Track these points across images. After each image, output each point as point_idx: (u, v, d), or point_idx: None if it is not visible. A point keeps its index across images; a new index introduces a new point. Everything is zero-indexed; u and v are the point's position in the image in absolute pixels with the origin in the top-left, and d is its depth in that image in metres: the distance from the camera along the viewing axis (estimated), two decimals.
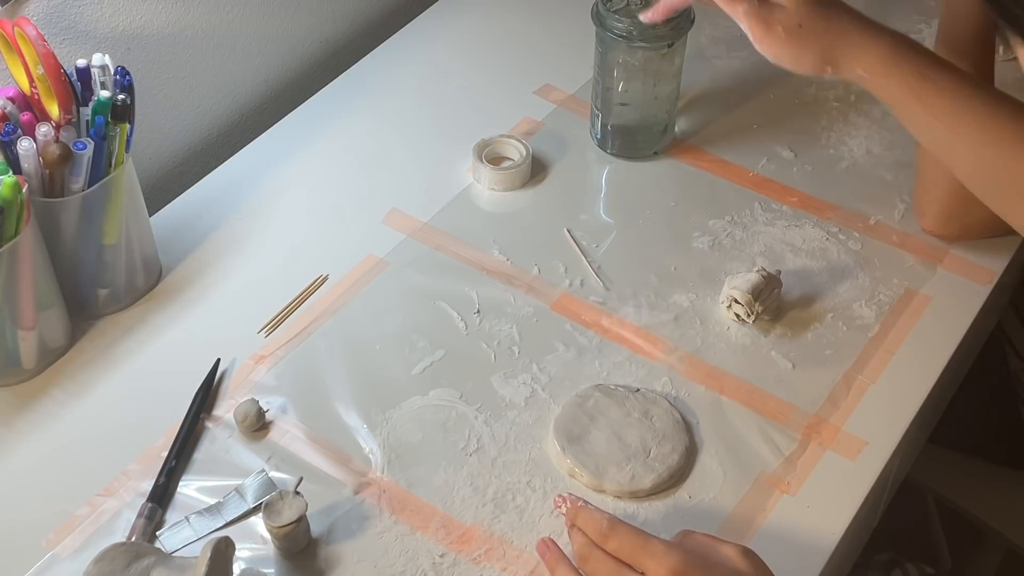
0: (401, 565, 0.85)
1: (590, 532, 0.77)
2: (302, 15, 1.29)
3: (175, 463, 0.90)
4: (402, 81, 1.28)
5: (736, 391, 0.96)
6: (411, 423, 0.94)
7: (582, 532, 0.78)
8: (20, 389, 0.96)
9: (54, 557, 0.85)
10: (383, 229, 1.10)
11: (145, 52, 1.12)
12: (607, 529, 0.76)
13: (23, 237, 0.89)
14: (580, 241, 1.09)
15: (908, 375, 0.98)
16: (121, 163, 0.95)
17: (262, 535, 0.86)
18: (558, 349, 1.00)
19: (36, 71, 0.91)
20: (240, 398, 0.94)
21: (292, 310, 1.03)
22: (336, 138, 1.21)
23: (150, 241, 1.04)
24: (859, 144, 1.20)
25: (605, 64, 1.12)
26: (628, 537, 0.75)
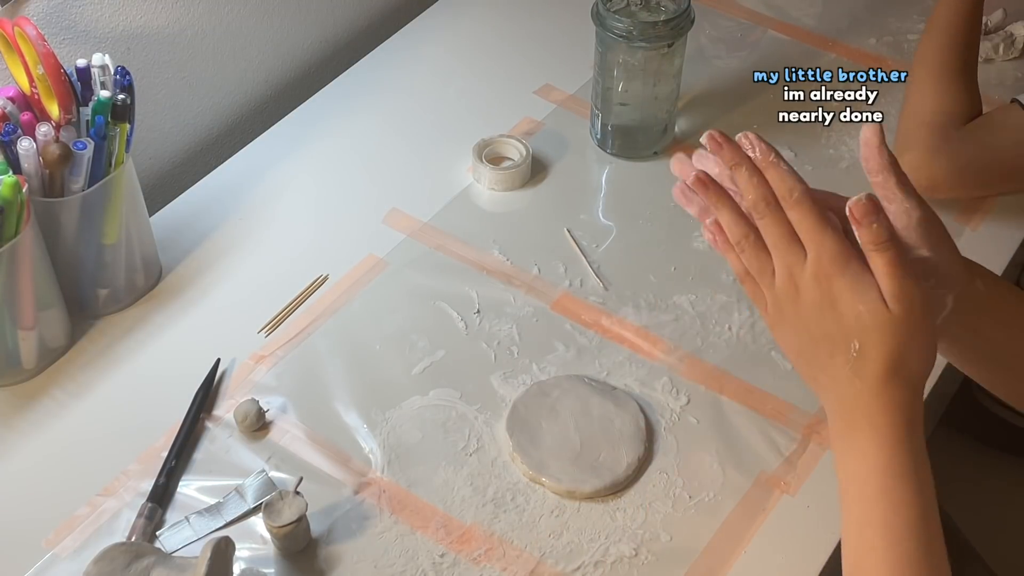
0: (401, 565, 0.85)
1: (777, 190, 0.70)
2: (302, 15, 1.29)
3: (175, 463, 0.90)
4: (402, 81, 1.28)
5: (736, 391, 0.96)
6: (411, 423, 0.94)
7: (763, 182, 0.71)
8: (20, 389, 0.96)
9: (54, 557, 0.85)
10: (383, 229, 1.10)
11: (145, 52, 1.12)
12: (797, 198, 0.69)
13: (23, 237, 0.89)
14: (580, 241, 1.09)
15: None
16: (121, 163, 0.95)
17: (262, 535, 0.86)
18: (558, 349, 1.00)
19: (36, 71, 0.91)
20: (240, 398, 0.94)
21: (292, 310, 1.03)
22: (336, 138, 1.21)
23: (150, 241, 1.04)
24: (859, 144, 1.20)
25: (605, 64, 1.12)
26: (811, 216, 0.69)
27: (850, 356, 0.68)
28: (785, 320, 0.72)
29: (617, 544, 0.86)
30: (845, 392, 0.69)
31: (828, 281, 0.69)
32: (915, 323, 0.67)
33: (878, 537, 0.67)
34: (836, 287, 0.68)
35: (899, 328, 0.67)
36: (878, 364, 0.67)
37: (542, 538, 0.87)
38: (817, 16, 1.37)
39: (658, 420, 0.94)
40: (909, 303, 0.67)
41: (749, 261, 0.73)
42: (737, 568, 0.85)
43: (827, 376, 0.70)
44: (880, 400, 0.68)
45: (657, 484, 0.90)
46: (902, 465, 0.67)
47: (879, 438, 0.68)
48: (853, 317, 0.68)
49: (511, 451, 0.91)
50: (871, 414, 0.68)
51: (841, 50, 1.32)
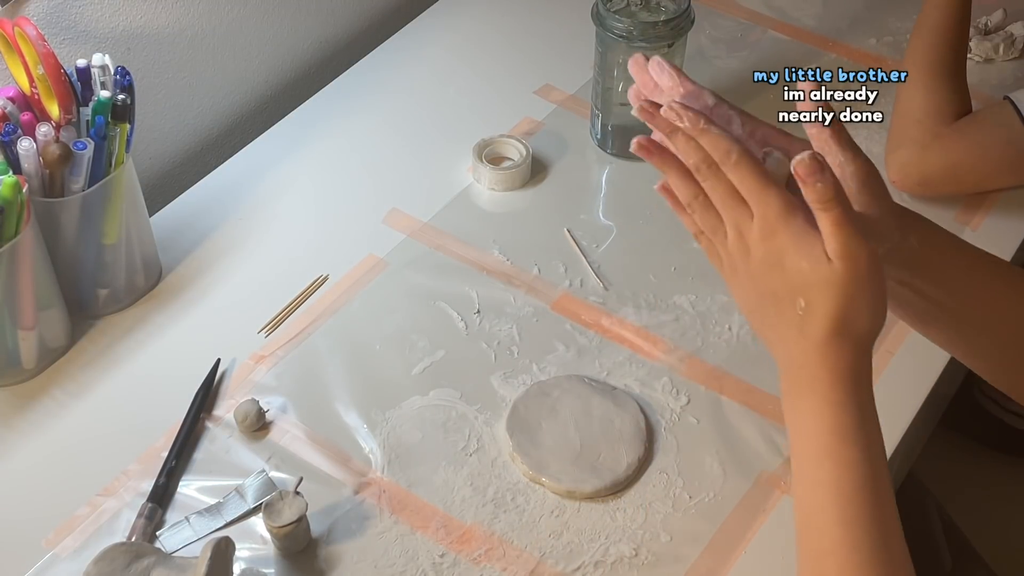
0: (401, 565, 0.85)
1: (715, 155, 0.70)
2: (302, 15, 1.29)
3: (175, 463, 0.90)
4: (402, 81, 1.28)
5: (736, 391, 0.96)
6: (411, 423, 0.94)
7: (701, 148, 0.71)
8: (20, 389, 0.96)
9: (54, 557, 0.85)
10: (383, 229, 1.10)
11: (145, 52, 1.12)
12: (735, 160, 0.69)
13: (23, 237, 0.89)
14: (580, 241, 1.09)
15: (908, 375, 0.98)
16: (121, 163, 0.95)
17: (262, 535, 0.86)
18: (558, 349, 1.00)
19: (36, 71, 0.91)
20: (240, 398, 0.94)
21: (292, 310, 1.03)
22: (336, 138, 1.21)
23: (150, 241, 1.04)
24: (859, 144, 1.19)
25: (605, 64, 1.12)
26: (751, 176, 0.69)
27: (796, 313, 0.68)
28: (738, 278, 0.72)
29: (617, 544, 0.86)
30: (792, 350, 0.69)
31: (774, 238, 0.69)
32: (860, 281, 0.67)
33: (827, 497, 0.67)
34: (781, 244, 0.68)
35: (844, 286, 0.67)
36: (823, 322, 0.67)
37: (542, 538, 0.87)
38: (817, 16, 1.37)
39: (658, 420, 0.94)
40: (854, 261, 0.66)
41: (701, 220, 0.73)
42: (737, 568, 0.85)
43: (776, 333, 0.70)
44: (825, 359, 0.67)
45: (657, 484, 0.90)
46: (847, 425, 0.67)
47: (823, 397, 0.67)
48: (797, 274, 0.68)
49: (511, 451, 0.91)
50: (816, 373, 0.68)
51: (841, 50, 1.32)
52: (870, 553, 0.65)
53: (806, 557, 0.68)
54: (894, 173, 1.12)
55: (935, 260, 0.73)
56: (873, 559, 0.65)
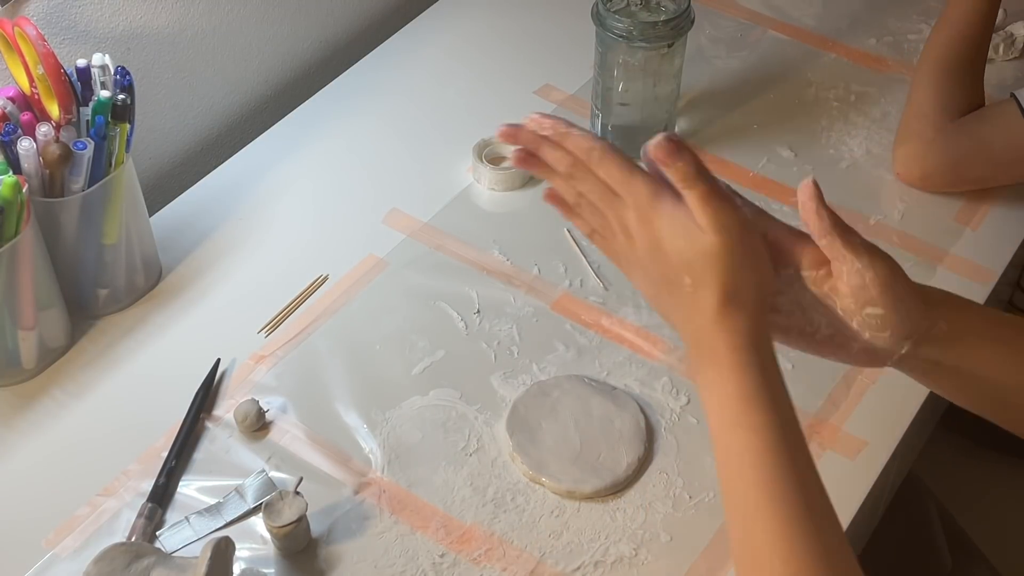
0: (401, 565, 0.85)
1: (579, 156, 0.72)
2: (302, 15, 1.29)
3: (175, 463, 0.90)
4: (402, 81, 1.28)
5: None
6: (411, 423, 0.94)
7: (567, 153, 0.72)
8: (20, 389, 0.96)
9: (54, 557, 0.85)
10: (383, 229, 1.10)
11: (145, 52, 1.12)
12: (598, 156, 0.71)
13: (23, 237, 0.89)
14: (580, 241, 1.09)
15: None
16: (121, 163, 0.95)
17: (262, 535, 0.86)
18: (558, 349, 1.00)
19: (36, 71, 0.91)
20: (240, 398, 0.94)
21: (292, 310, 1.03)
22: (336, 138, 1.21)
23: (150, 241, 1.04)
24: (859, 144, 1.20)
25: (605, 64, 1.12)
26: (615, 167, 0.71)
27: (686, 292, 0.69)
28: (632, 267, 0.73)
29: (617, 544, 0.86)
30: (690, 328, 0.70)
31: (650, 224, 0.70)
32: (736, 249, 0.68)
33: (743, 462, 0.67)
34: (657, 228, 0.70)
35: (721, 257, 0.68)
36: (711, 297, 0.68)
37: (542, 538, 0.86)
38: (817, 16, 1.37)
39: (658, 420, 0.94)
40: (727, 231, 0.68)
41: (590, 219, 0.74)
42: None
43: (676, 315, 0.72)
44: (719, 329, 0.68)
45: (657, 484, 0.90)
46: (751, 389, 0.67)
47: (723, 367, 0.68)
48: (677, 253, 0.69)
49: (511, 451, 0.91)
50: (713, 345, 0.69)
51: (841, 50, 1.32)
52: (792, 510, 0.65)
53: (733, 523, 0.68)
54: (899, 166, 1.13)
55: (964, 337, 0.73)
56: (796, 516, 0.65)
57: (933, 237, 1.09)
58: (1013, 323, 0.76)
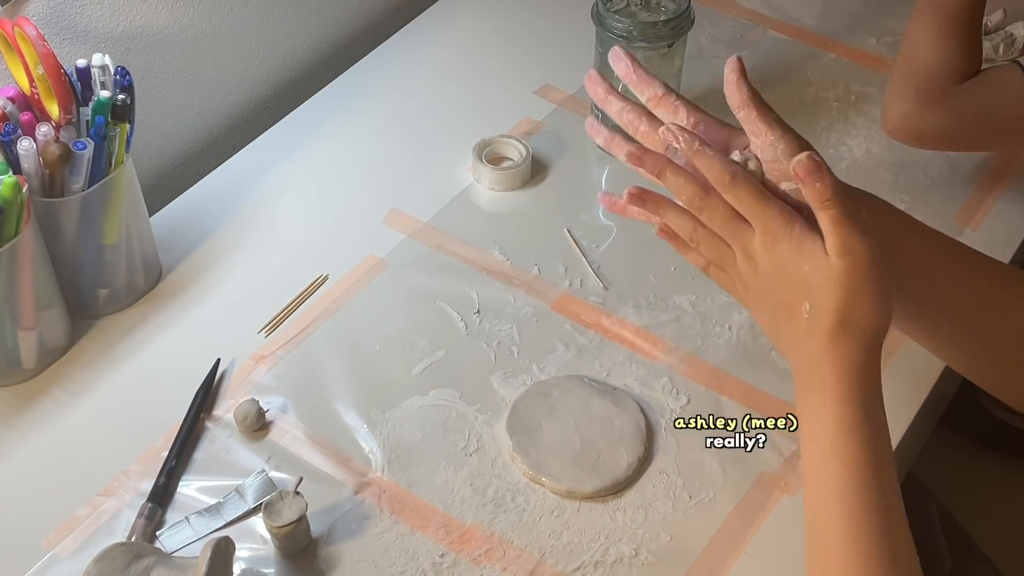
0: (401, 565, 0.85)
1: (711, 177, 0.71)
2: (302, 15, 1.29)
3: (175, 463, 0.90)
4: (402, 81, 1.28)
5: (736, 391, 0.96)
6: (411, 423, 0.94)
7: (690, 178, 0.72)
8: (20, 389, 0.96)
9: (54, 557, 0.85)
10: (383, 229, 1.10)
11: (145, 52, 1.12)
12: (730, 180, 0.71)
13: (23, 237, 0.89)
14: (580, 241, 1.09)
15: (908, 375, 0.98)
16: (121, 163, 0.95)
17: (262, 535, 0.86)
18: (558, 349, 1.00)
19: (36, 71, 0.91)
20: (240, 398, 0.94)
21: (292, 310, 1.03)
22: (336, 138, 1.21)
23: (150, 241, 1.04)
24: (859, 144, 1.20)
25: (605, 64, 1.12)
26: (749, 193, 0.70)
27: (803, 318, 0.69)
28: (751, 295, 0.73)
29: (617, 544, 0.86)
30: (801, 354, 0.70)
31: (775, 248, 0.70)
32: (860, 277, 0.67)
33: (832, 494, 0.67)
34: (783, 252, 0.70)
35: (844, 283, 0.67)
36: (826, 321, 0.68)
37: (542, 538, 0.87)
38: (817, 16, 1.37)
39: (658, 420, 0.94)
40: (853, 257, 0.67)
41: (707, 251, 0.75)
42: (737, 568, 0.85)
43: (788, 342, 0.72)
44: (829, 357, 0.68)
45: (657, 484, 0.90)
46: (851, 421, 0.67)
47: (828, 395, 0.68)
48: (800, 278, 0.69)
49: (511, 451, 0.91)
50: (821, 372, 0.68)
51: (841, 50, 1.32)
52: (875, 549, 0.65)
53: (813, 554, 0.68)
54: (891, 123, 1.09)
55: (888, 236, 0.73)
56: (878, 555, 0.65)
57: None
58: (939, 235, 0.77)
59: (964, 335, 0.79)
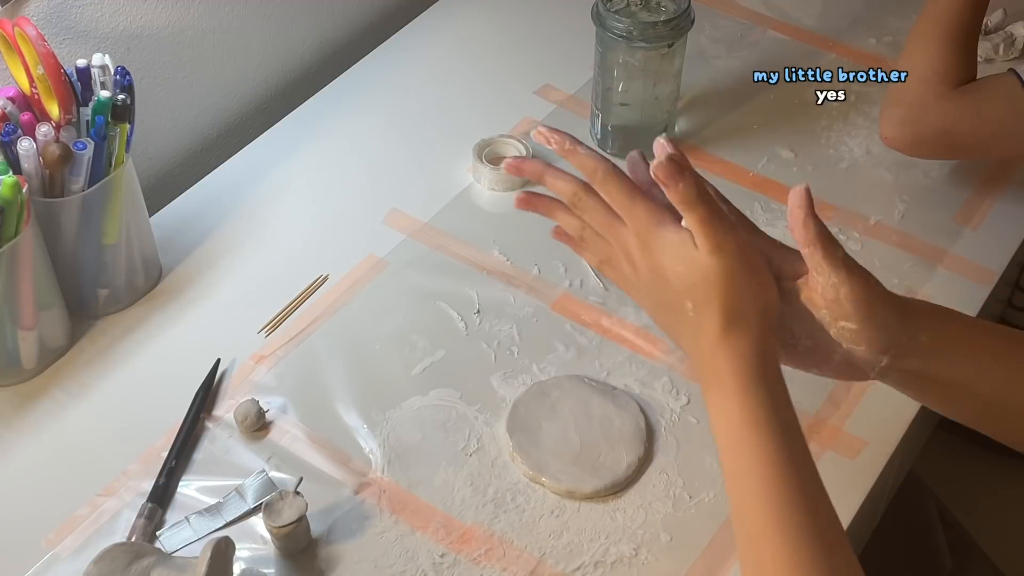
0: (401, 565, 0.85)
1: (584, 175, 0.73)
2: (302, 15, 1.29)
3: (175, 463, 0.90)
4: (402, 81, 1.28)
5: None
6: (411, 423, 0.94)
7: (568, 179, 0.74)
8: (20, 389, 0.96)
9: (54, 557, 0.85)
10: (383, 229, 1.10)
11: (145, 52, 1.12)
12: (601, 176, 0.72)
13: (23, 237, 0.89)
14: None
15: None
16: (121, 163, 0.95)
17: (262, 535, 0.86)
18: (558, 349, 1.00)
19: (36, 71, 0.91)
20: (240, 398, 0.94)
21: (292, 310, 1.03)
22: (336, 138, 1.21)
23: (150, 241, 1.04)
24: (859, 144, 1.20)
25: (605, 64, 1.12)
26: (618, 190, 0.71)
27: (689, 317, 0.70)
28: (637, 294, 0.74)
29: (617, 544, 0.86)
30: (695, 352, 0.71)
31: (649, 248, 0.71)
32: (736, 271, 0.68)
33: (751, 484, 0.67)
34: (657, 253, 0.70)
35: (721, 279, 0.68)
36: (712, 318, 0.69)
37: (542, 538, 0.87)
38: (817, 16, 1.37)
39: (658, 420, 0.94)
40: (726, 253, 0.68)
41: (594, 250, 0.75)
42: (737, 568, 0.85)
43: (680, 339, 0.73)
44: (722, 352, 0.69)
45: (657, 484, 0.90)
46: (756, 412, 0.68)
47: (727, 390, 0.69)
48: (677, 277, 0.70)
49: (511, 451, 0.91)
50: (717, 369, 0.69)
51: (841, 50, 1.32)
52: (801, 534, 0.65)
53: (743, 545, 0.69)
54: (888, 129, 1.09)
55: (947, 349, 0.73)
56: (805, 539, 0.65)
57: (932, 237, 1.09)
58: (997, 333, 0.75)
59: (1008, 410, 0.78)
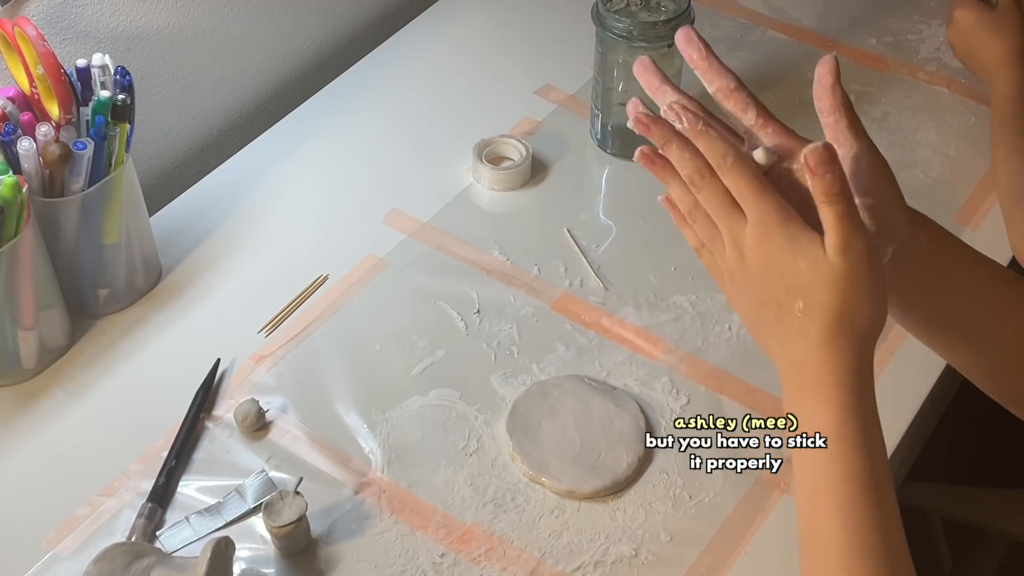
0: (401, 565, 0.85)
1: (710, 159, 0.69)
2: (302, 15, 1.29)
3: (175, 463, 0.90)
4: (402, 81, 1.28)
5: (736, 391, 0.96)
6: (411, 423, 0.94)
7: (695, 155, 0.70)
8: (20, 389, 0.96)
9: (54, 557, 0.85)
10: (383, 229, 1.10)
11: (145, 52, 1.12)
12: (731, 163, 0.68)
13: (23, 237, 0.89)
14: (580, 241, 1.09)
15: (908, 375, 0.98)
16: (121, 163, 0.95)
17: (262, 535, 0.86)
18: (558, 349, 1.00)
19: (36, 71, 0.91)
20: (240, 398, 0.94)
21: (292, 310, 1.03)
22: (336, 138, 1.21)
23: (150, 241, 1.04)
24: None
25: (605, 64, 1.12)
26: (746, 179, 0.68)
27: (796, 316, 0.67)
28: (737, 286, 0.70)
29: (617, 544, 0.86)
30: (793, 354, 0.68)
31: (769, 241, 0.67)
32: (859, 276, 0.65)
33: (832, 503, 0.65)
34: (777, 246, 0.67)
35: (842, 282, 0.65)
36: (822, 321, 0.66)
37: (542, 538, 0.87)
38: (817, 16, 1.37)
39: (658, 420, 0.94)
40: (854, 256, 0.65)
41: (701, 232, 0.72)
42: (737, 568, 0.85)
43: (777, 340, 0.69)
44: (826, 359, 0.66)
45: (657, 484, 0.90)
46: (849, 427, 0.65)
47: (827, 399, 0.66)
48: (795, 275, 0.66)
49: (511, 451, 0.91)
50: (818, 374, 0.66)
51: (841, 50, 1.32)
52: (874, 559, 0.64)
53: (810, 562, 0.67)
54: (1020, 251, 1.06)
55: (943, 259, 0.73)
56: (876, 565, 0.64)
57: None
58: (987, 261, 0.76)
59: (1005, 361, 0.78)
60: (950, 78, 1.26)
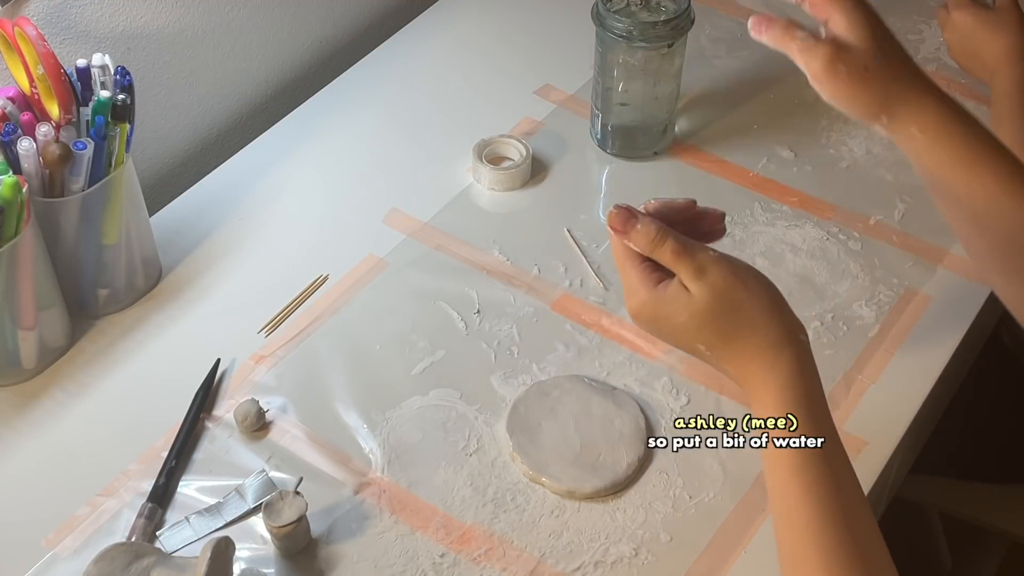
0: (401, 565, 0.85)
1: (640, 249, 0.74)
2: (302, 15, 1.29)
3: (175, 463, 0.90)
4: (402, 81, 1.28)
5: (736, 391, 0.96)
6: (411, 423, 0.94)
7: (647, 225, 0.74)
8: (20, 389, 0.96)
9: (54, 557, 0.85)
10: (383, 229, 1.10)
11: (145, 52, 1.12)
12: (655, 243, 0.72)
13: (23, 237, 0.89)
14: (580, 241, 1.09)
15: (908, 375, 0.98)
16: (121, 163, 0.96)
17: (262, 535, 0.86)
18: (558, 349, 1.00)
19: (36, 71, 0.91)
20: (240, 398, 0.94)
21: (292, 310, 1.03)
22: (336, 138, 1.21)
23: (150, 241, 1.04)
24: (859, 144, 1.20)
25: (605, 64, 1.12)
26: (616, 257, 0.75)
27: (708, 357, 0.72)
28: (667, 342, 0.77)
29: (617, 544, 0.86)
30: (737, 379, 0.73)
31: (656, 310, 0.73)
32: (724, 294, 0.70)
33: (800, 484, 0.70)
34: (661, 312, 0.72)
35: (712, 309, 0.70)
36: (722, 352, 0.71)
37: (542, 538, 0.87)
38: None
39: (658, 420, 0.94)
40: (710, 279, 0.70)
41: None
42: (737, 568, 0.85)
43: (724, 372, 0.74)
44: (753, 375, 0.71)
45: (657, 484, 0.90)
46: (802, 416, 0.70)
47: (769, 410, 0.70)
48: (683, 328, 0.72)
49: (511, 451, 0.91)
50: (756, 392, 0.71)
51: None
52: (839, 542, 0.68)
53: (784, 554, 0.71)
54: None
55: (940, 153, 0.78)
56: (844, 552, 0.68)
57: (933, 237, 1.09)
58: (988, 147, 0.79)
59: None
60: (950, 78, 1.26)
